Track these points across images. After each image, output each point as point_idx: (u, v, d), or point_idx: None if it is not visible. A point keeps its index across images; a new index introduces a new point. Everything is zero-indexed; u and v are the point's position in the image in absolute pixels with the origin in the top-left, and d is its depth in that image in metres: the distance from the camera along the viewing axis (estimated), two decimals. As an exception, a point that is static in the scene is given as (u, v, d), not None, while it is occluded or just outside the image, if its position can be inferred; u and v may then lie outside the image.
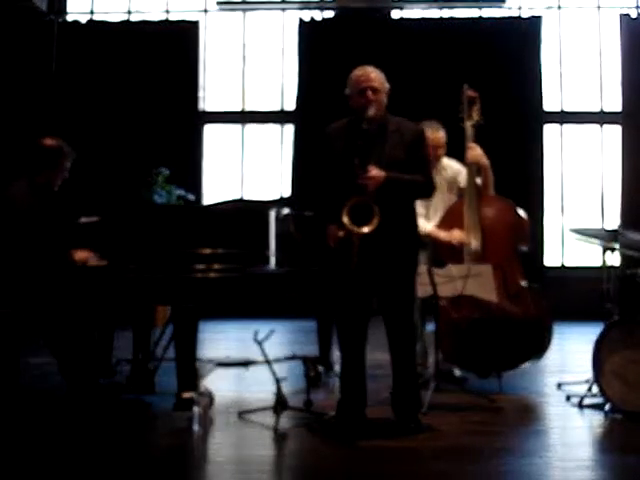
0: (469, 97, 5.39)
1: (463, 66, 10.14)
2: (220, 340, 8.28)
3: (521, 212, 5.36)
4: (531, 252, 5.57)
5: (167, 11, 11.59)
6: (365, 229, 3.85)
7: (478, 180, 5.34)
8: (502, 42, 10.63)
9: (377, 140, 4.01)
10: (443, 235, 5.23)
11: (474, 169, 5.29)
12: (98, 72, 10.85)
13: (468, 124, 5.36)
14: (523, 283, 5.19)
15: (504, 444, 3.97)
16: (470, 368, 5.23)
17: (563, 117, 11.08)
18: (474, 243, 5.19)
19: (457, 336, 5.10)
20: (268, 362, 4.45)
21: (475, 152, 5.28)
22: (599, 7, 11.14)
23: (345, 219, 3.84)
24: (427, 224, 5.29)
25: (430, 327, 5.25)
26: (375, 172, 3.90)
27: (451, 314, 5.07)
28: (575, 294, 9.43)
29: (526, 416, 4.68)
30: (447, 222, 5.29)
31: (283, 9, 11.41)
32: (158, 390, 5.01)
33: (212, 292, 4.50)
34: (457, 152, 5.47)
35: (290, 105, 11.18)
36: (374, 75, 4.09)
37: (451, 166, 5.48)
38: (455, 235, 5.20)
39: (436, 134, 5.34)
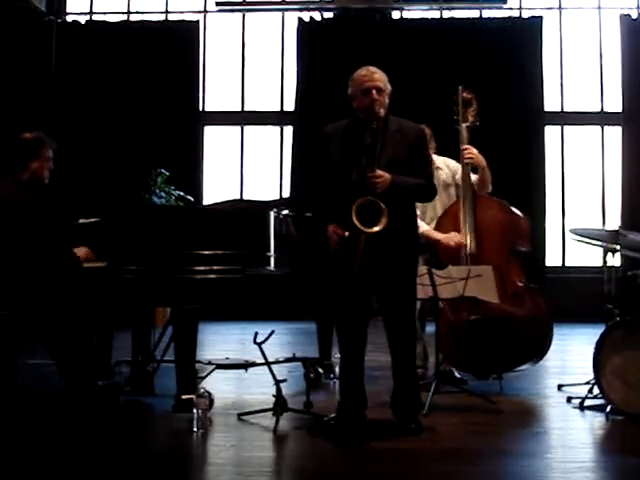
0: (464, 99, 5.36)
1: (463, 67, 10.14)
2: (220, 342, 8.27)
3: (517, 212, 5.34)
4: (532, 253, 5.56)
5: (167, 11, 11.59)
6: (375, 228, 3.83)
7: (474, 177, 5.32)
8: (502, 43, 10.63)
9: (379, 140, 3.99)
10: (441, 237, 5.21)
11: (469, 169, 5.28)
12: (97, 72, 10.85)
13: (463, 126, 5.34)
14: (521, 284, 5.17)
15: (505, 445, 3.96)
16: (468, 370, 5.22)
17: (564, 118, 11.08)
18: (470, 245, 5.18)
19: (455, 337, 5.09)
20: (268, 364, 4.43)
21: (471, 152, 5.25)
22: (599, 8, 11.14)
23: (355, 220, 3.81)
24: (422, 224, 5.26)
25: (430, 329, 5.24)
26: (382, 173, 3.89)
27: (449, 315, 5.05)
28: (576, 295, 9.44)
29: (527, 417, 4.66)
30: (445, 223, 5.28)
31: (283, 9, 11.40)
32: (157, 392, 5.01)
33: (212, 293, 4.49)
34: (453, 154, 5.45)
35: (290, 106, 11.18)
36: (378, 75, 4.08)
37: (448, 164, 5.46)
38: (453, 237, 5.18)
39: None
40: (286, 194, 10.97)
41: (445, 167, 5.43)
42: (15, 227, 4.38)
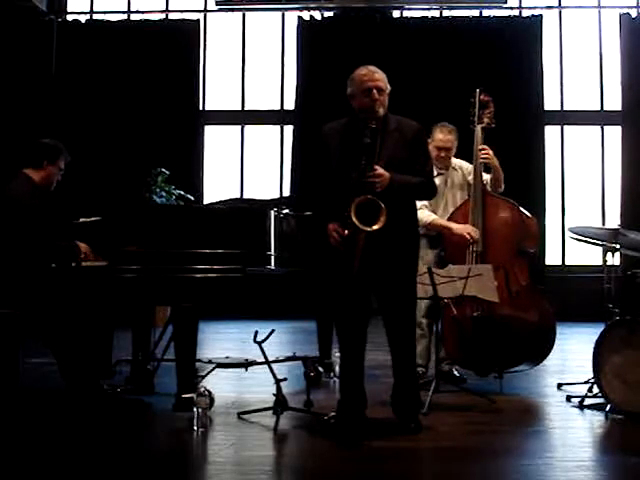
0: (482, 101, 5.39)
1: (463, 66, 10.16)
2: (220, 340, 8.28)
3: (526, 212, 5.35)
4: (537, 254, 5.56)
5: (167, 10, 11.59)
6: (374, 227, 3.83)
7: (487, 176, 5.34)
8: (503, 42, 10.65)
9: (378, 139, 4.00)
10: (455, 226, 5.21)
11: (481, 168, 5.29)
12: (98, 72, 10.86)
13: (478, 127, 5.36)
14: (526, 284, 5.17)
15: (504, 445, 3.95)
16: (470, 367, 5.22)
17: (564, 117, 11.08)
18: (477, 243, 5.19)
19: (458, 333, 5.09)
20: (268, 362, 4.44)
21: (488, 152, 5.28)
22: (599, 6, 11.14)
23: (354, 218, 3.81)
24: (432, 215, 5.26)
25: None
26: (381, 172, 3.90)
27: (453, 311, 5.06)
28: (576, 294, 9.45)
29: (526, 417, 4.67)
30: (454, 222, 5.28)
31: (283, 9, 11.40)
32: (158, 390, 5.01)
33: (212, 292, 4.50)
34: (465, 154, 5.46)
35: (290, 105, 11.18)
36: (378, 75, 4.08)
37: (462, 166, 5.48)
38: (467, 228, 5.18)
39: (448, 136, 5.35)
40: (286, 193, 10.97)
41: (459, 169, 5.46)
42: (21, 227, 4.39)
